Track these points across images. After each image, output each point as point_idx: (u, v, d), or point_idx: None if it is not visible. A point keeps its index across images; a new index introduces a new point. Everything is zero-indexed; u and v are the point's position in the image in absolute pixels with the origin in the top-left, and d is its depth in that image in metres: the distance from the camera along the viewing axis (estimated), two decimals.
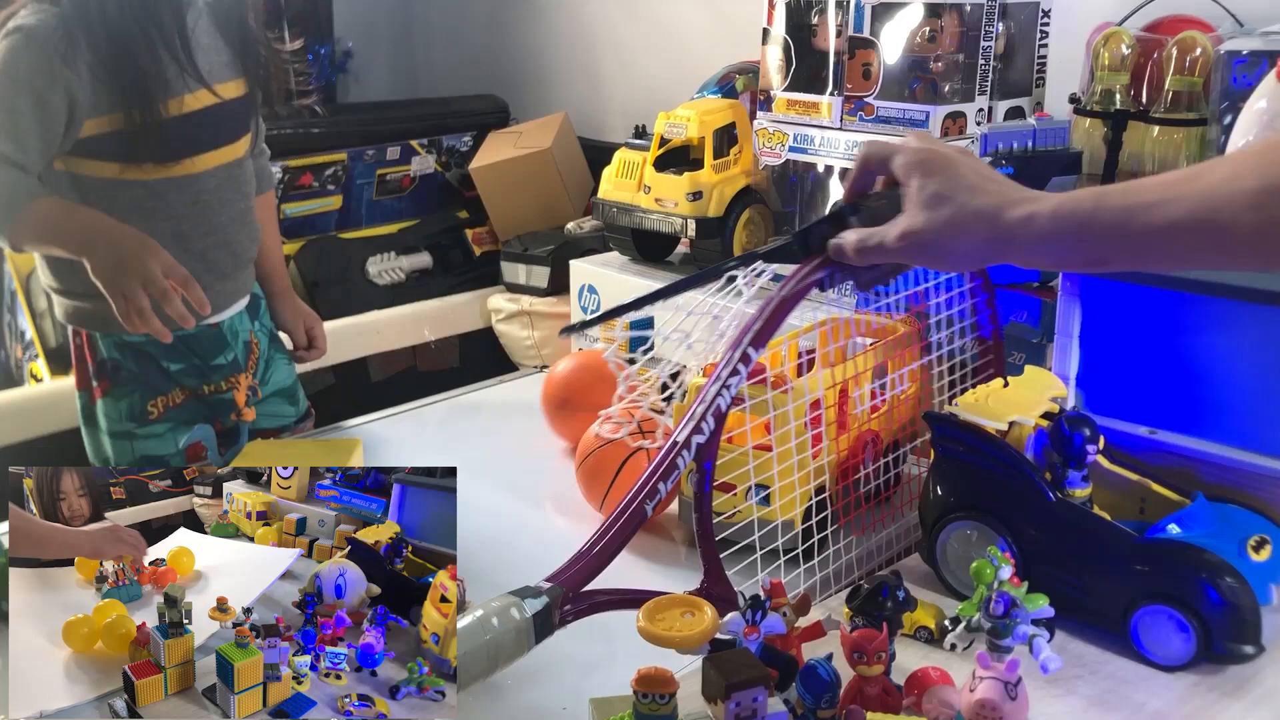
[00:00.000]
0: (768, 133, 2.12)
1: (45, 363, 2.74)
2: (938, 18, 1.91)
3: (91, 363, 1.66)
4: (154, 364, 1.66)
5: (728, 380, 1.02)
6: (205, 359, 1.70)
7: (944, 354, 1.31)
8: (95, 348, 1.65)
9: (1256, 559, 1.04)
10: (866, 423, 1.27)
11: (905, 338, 1.31)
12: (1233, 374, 1.12)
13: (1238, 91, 1.65)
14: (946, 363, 1.32)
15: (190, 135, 1.61)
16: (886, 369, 1.29)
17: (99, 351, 1.65)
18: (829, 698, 0.84)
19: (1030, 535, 1.07)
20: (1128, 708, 0.96)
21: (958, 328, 1.32)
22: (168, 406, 1.68)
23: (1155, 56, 1.89)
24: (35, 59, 1.48)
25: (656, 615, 0.88)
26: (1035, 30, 2.06)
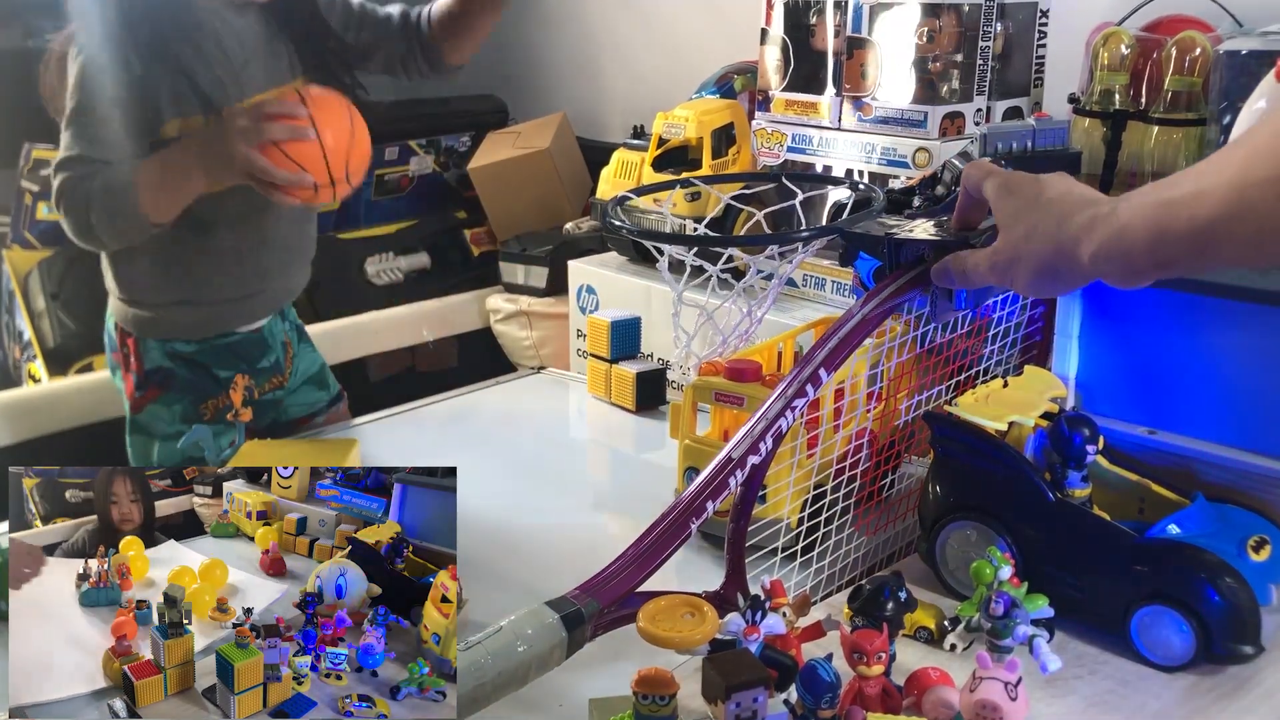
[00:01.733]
0: (766, 133, 2.13)
1: (43, 363, 2.73)
2: (936, 18, 1.91)
3: (140, 371, 1.68)
4: (205, 371, 1.70)
5: (793, 401, 0.98)
6: (251, 363, 1.74)
7: (991, 365, 1.31)
8: (146, 356, 1.68)
9: (1256, 559, 1.04)
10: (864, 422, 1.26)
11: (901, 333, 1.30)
12: (1233, 374, 1.12)
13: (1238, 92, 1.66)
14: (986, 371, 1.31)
15: None
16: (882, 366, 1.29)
17: (150, 360, 1.68)
18: (829, 698, 0.84)
19: (1030, 536, 1.07)
20: (1127, 708, 0.96)
21: (1009, 339, 1.32)
22: (218, 409, 1.71)
23: (1154, 56, 1.89)
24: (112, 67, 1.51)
25: (657, 615, 0.88)
26: (1033, 30, 2.06)
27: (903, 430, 1.26)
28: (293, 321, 1.85)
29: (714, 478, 0.96)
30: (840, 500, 1.15)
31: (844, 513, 1.18)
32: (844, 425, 1.20)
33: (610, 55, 3.39)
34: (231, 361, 1.72)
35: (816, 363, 1.00)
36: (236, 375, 1.73)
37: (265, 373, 1.76)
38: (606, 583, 0.93)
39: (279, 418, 1.82)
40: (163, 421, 1.69)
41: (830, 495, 1.14)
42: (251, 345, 1.74)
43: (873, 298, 1.04)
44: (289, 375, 1.82)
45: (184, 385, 1.69)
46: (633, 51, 3.31)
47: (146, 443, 1.71)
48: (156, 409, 1.69)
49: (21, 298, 2.81)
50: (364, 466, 1.39)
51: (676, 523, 0.95)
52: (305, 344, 1.88)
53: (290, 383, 1.82)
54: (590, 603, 0.91)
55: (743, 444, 0.97)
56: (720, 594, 1.01)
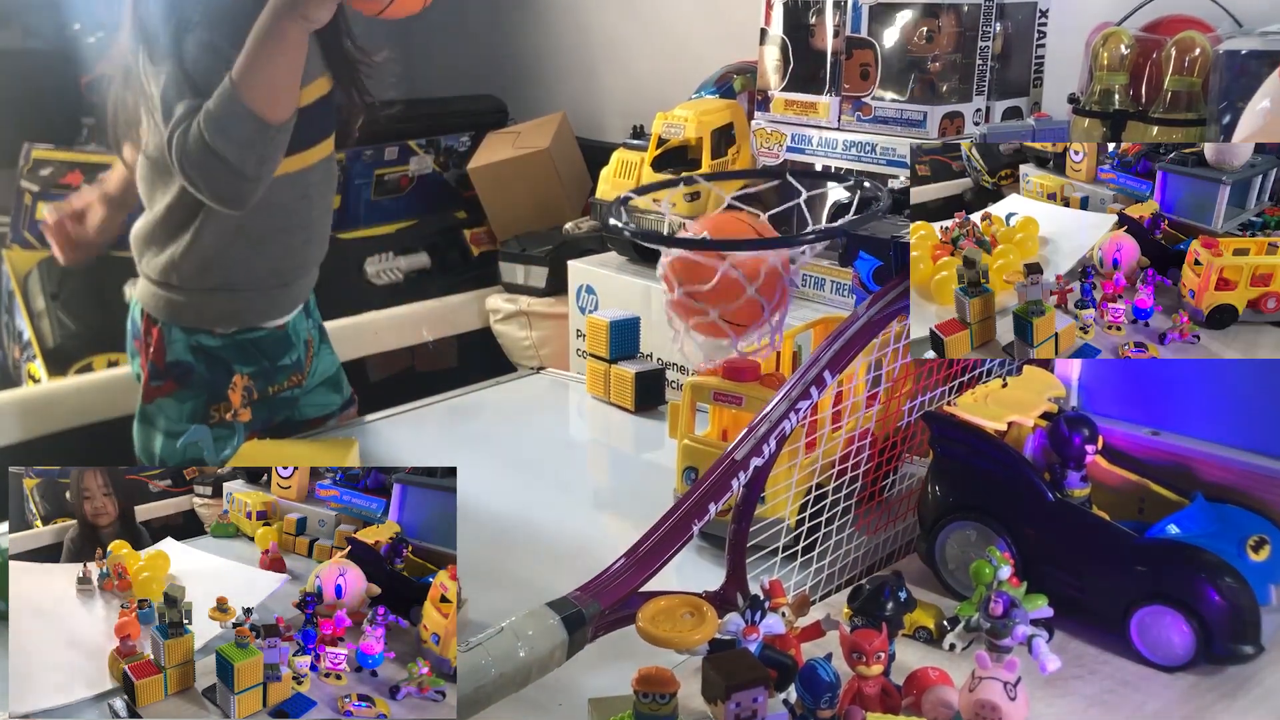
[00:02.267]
0: (765, 133, 2.12)
1: (43, 363, 2.73)
2: (935, 18, 1.91)
3: (161, 362, 1.69)
4: (224, 368, 1.70)
5: (797, 402, 0.98)
6: (273, 360, 1.74)
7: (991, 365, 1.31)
8: (168, 347, 1.68)
9: (1256, 559, 1.04)
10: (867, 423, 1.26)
11: None
12: (1233, 375, 1.12)
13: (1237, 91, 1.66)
14: None
15: (300, 131, 1.62)
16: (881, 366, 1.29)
17: (172, 352, 1.68)
18: (828, 698, 0.84)
19: (1029, 536, 1.07)
20: (1127, 708, 0.96)
21: None
22: (245, 389, 1.71)
23: (1154, 56, 1.89)
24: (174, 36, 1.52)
25: (656, 616, 0.88)
26: (1033, 30, 2.06)
27: (903, 430, 1.26)
28: (316, 320, 1.86)
29: (716, 479, 0.96)
30: (840, 500, 1.15)
31: (845, 513, 1.18)
32: (844, 426, 1.20)
33: (610, 55, 3.39)
34: (255, 357, 1.72)
35: (821, 365, 1.00)
36: (236, 375, 1.73)
37: (285, 370, 1.77)
38: (608, 584, 0.93)
39: (293, 416, 1.82)
40: (170, 417, 1.69)
41: (831, 495, 1.14)
42: (275, 342, 1.75)
43: (878, 300, 1.04)
44: (308, 374, 1.82)
45: (200, 383, 1.69)
46: (632, 51, 3.31)
47: (150, 434, 1.71)
48: (167, 403, 1.69)
49: (21, 298, 2.81)
50: (363, 466, 1.39)
51: (678, 524, 0.95)
52: (325, 345, 1.89)
53: (308, 382, 1.83)
54: (591, 604, 0.91)
55: (746, 445, 0.97)
56: (721, 594, 1.01)
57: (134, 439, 1.74)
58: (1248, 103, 1.49)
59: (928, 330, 1.05)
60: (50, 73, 2.98)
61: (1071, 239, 1.17)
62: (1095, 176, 1.27)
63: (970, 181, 1.55)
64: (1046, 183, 1.30)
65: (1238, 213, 1.13)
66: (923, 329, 1.07)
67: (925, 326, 1.06)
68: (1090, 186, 1.27)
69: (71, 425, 2.40)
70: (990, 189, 1.42)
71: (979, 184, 1.51)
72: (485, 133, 3.43)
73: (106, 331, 2.77)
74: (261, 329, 1.73)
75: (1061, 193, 1.28)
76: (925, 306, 1.10)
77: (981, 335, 1.05)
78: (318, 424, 1.83)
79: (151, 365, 1.69)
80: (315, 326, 1.86)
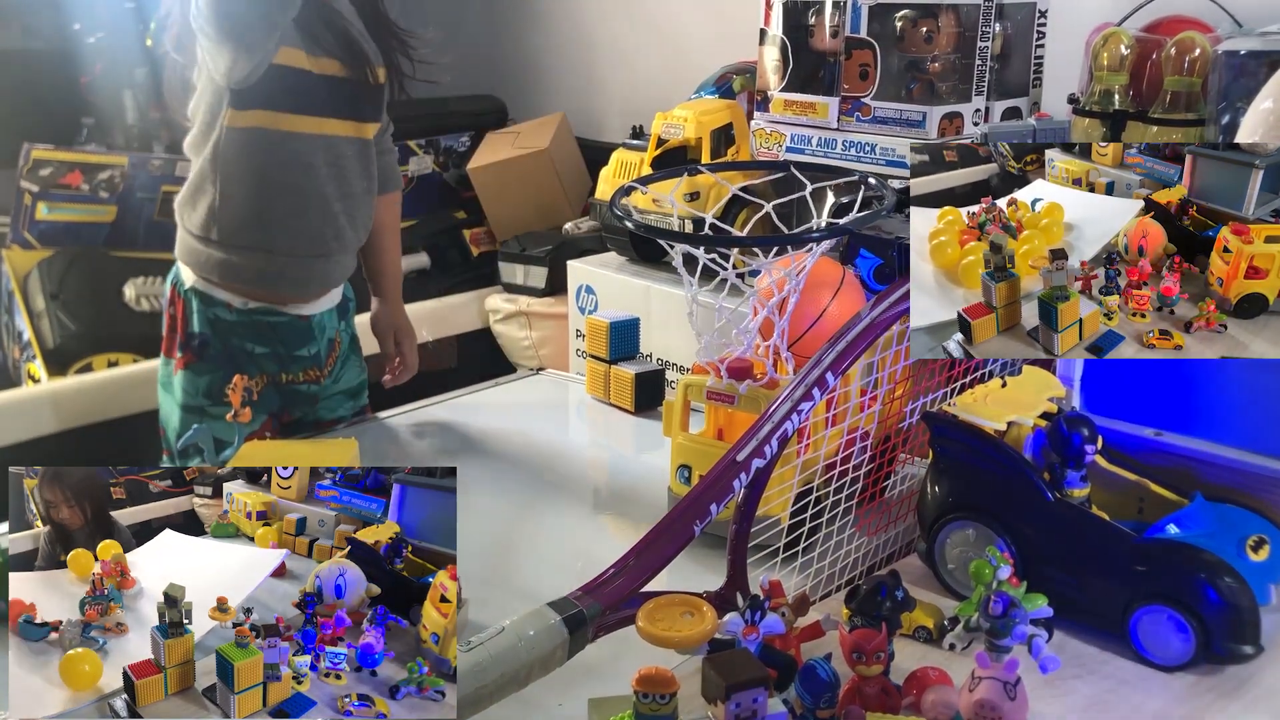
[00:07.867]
0: (765, 133, 2.13)
1: (43, 363, 2.73)
2: (934, 18, 1.91)
3: (181, 334, 1.72)
4: (240, 346, 1.72)
5: (800, 404, 0.97)
6: (289, 348, 1.76)
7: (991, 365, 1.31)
8: (189, 319, 1.71)
9: (1255, 559, 1.04)
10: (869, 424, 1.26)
11: None
12: (1233, 375, 1.12)
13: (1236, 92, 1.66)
14: None
15: (325, 95, 1.68)
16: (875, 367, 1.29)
17: (191, 324, 1.71)
18: (828, 698, 0.84)
19: (1029, 535, 1.07)
20: (1126, 708, 0.96)
21: None
22: (245, 389, 1.72)
23: (1154, 57, 1.89)
24: None
25: (656, 615, 0.88)
26: (1032, 31, 2.06)
27: (904, 432, 1.26)
28: (350, 330, 1.88)
29: (718, 480, 0.96)
30: (837, 500, 1.15)
31: (844, 514, 1.18)
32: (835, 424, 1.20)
33: (609, 55, 3.39)
34: (270, 340, 1.74)
35: (824, 365, 0.99)
36: (236, 376, 1.73)
37: (302, 361, 1.78)
38: (609, 584, 0.93)
39: (309, 415, 1.83)
40: (188, 392, 1.72)
41: (822, 494, 1.14)
42: (294, 331, 1.76)
43: (881, 301, 1.04)
44: (328, 373, 1.83)
45: (215, 358, 1.71)
46: (632, 52, 3.31)
47: (171, 404, 1.75)
48: (187, 376, 1.72)
49: (21, 298, 2.81)
50: (363, 466, 1.39)
51: (680, 525, 0.94)
52: (356, 356, 1.90)
53: (330, 386, 1.84)
54: (592, 604, 0.91)
55: (747, 446, 0.96)
56: (721, 594, 1.01)
57: (160, 407, 1.78)
58: (1247, 103, 1.49)
59: (955, 314, 1.05)
60: (50, 73, 2.99)
61: (1097, 225, 1.17)
62: (1122, 161, 1.27)
63: (996, 167, 1.55)
64: (1072, 168, 1.30)
65: (1270, 198, 1.10)
66: (949, 312, 1.07)
67: (952, 310, 1.06)
68: (1116, 171, 1.26)
69: (71, 425, 2.40)
70: (1016, 174, 1.42)
71: (1005, 169, 1.51)
72: (485, 133, 3.43)
73: (106, 331, 2.77)
74: (283, 314, 1.74)
75: (1087, 178, 1.28)
76: (952, 290, 1.10)
77: (1007, 319, 1.05)
78: (327, 426, 1.84)
79: (172, 334, 1.73)
80: (347, 330, 1.87)
